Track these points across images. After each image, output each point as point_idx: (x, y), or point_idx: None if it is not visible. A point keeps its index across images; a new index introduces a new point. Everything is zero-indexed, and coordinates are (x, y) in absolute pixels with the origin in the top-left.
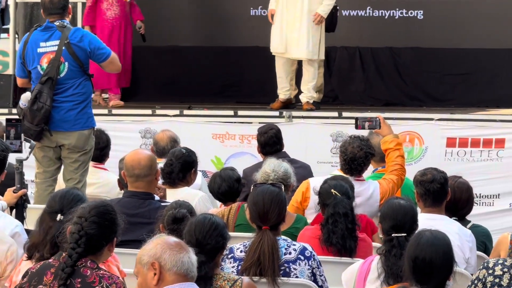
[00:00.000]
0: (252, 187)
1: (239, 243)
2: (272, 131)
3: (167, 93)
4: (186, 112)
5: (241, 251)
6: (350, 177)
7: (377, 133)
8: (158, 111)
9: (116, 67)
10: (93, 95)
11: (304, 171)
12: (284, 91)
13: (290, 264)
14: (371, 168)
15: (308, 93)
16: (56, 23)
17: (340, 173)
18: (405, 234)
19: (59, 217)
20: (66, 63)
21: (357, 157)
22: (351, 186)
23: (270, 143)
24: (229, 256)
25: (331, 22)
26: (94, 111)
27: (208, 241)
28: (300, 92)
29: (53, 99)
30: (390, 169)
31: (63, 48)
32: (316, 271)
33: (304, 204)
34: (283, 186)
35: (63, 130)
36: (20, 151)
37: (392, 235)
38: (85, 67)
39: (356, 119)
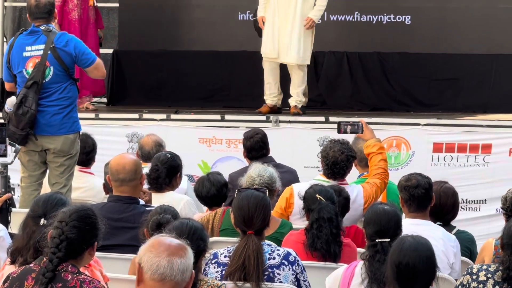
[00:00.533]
0: (236, 192)
1: (224, 248)
2: (258, 136)
3: (155, 97)
4: (173, 116)
5: (225, 256)
6: (333, 182)
7: (360, 137)
8: (145, 115)
9: (101, 73)
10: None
11: (290, 176)
12: (271, 97)
13: (274, 269)
14: (356, 173)
15: (297, 97)
16: (42, 27)
17: (323, 178)
18: (389, 240)
19: (42, 221)
20: (52, 68)
21: (339, 161)
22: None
23: (256, 147)
24: (213, 261)
25: None
26: (81, 115)
27: (190, 246)
28: (287, 96)
29: (39, 103)
30: (373, 173)
31: (49, 52)
32: (300, 276)
33: (288, 210)
34: (267, 190)
35: (48, 134)
36: (5, 155)
37: (376, 240)
38: (71, 72)
39: (339, 123)
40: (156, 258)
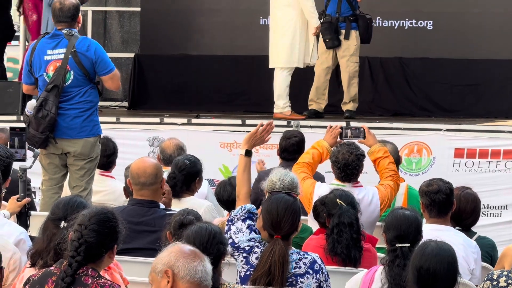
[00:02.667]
0: (267, 195)
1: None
2: (294, 139)
3: (176, 101)
4: (194, 120)
5: (256, 258)
6: (348, 184)
7: (363, 143)
8: (166, 120)
9: (115, 84)
10: None
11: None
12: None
13: (298, 277)
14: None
15: (277, 102)
16: (64, 31)
17: (338, 182)
18: (408, 245)
19: (62, 224)
20: (72, 72)
21: (350, 161)
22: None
23: (290, 150)
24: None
25: (366, 33)
26: (102, 119)
27: (210, 250)
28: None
29: (59, 106)
30: (385, 175)
31: (70, 56)
32: (324, 284)
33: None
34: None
35: (68, 137)
36: (24, 160)
37: (396, 245)
38: (91, 76)
39: (341, 128)
40: (193, 263)
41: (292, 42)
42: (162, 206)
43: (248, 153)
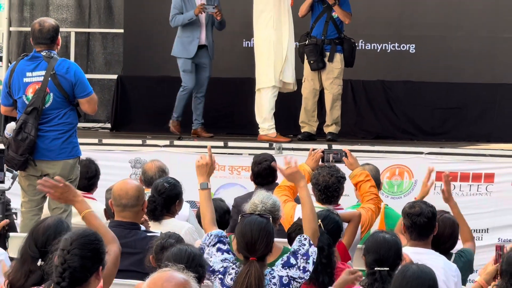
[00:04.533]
0: (240, 217)
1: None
2: (266, 163)
3: (158, 123)
4: (176, 142)
5: (231, 279)
6: (328, 207)
7: (347, 166)
8: (149, 141)
9: (92, 108)
10: None
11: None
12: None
13: None
14: (354, 199)
15: (262, 124)
16: (43, 53)
17: (318, 204)
18: (387, 269)
19: (40, 262)
20: (52, 94)
21: (331, 184)
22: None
23: (263, 174)
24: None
25: (350, 56)
26: (85, 140)
27: (189, 273)
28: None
29: (38, 128)
30: (366, 199)
31: (49, 79)
32: None
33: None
34: (271, 217)
35: (48, 159)
36: (2, 181)
37: (375, 268)
38: (71, 98)
39: (323, 152)
40: None
41: (267, 62)
42: (143, 228)
43: (206, 186)
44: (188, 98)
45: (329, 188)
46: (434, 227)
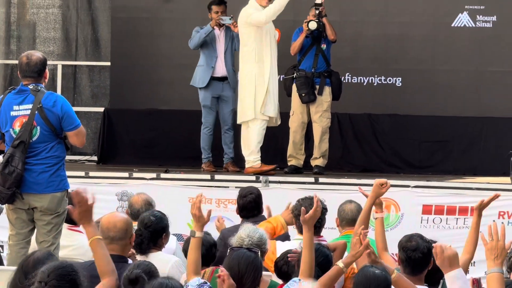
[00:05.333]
0: (228, 251)
1: None
2: (251, 196)
3: (145, 156)
4: (163, 175)
5: None
6: None
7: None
8: (135, 174)
9: (80, 141)
10: None
11: (281, 236)
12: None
13: None
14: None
15: (247, 157)
16: (30, 87)
17: (301, 236)
18: None
19: None
20: (39, 127)
21: None
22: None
23: (248, 207)
24: None
25: (338, 89)
26: (71, 173)
27: None
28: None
29: (26, 162)
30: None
31: (36, 112)
32: None
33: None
34: (259, 251)
35: (35, 192)
36: None
37: None
38: (58, 131)
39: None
40: None
41: (250, 95)
42: (130, 261)
43: (193, 234)
44: (211, 135)
45: None
46: (429, 262)
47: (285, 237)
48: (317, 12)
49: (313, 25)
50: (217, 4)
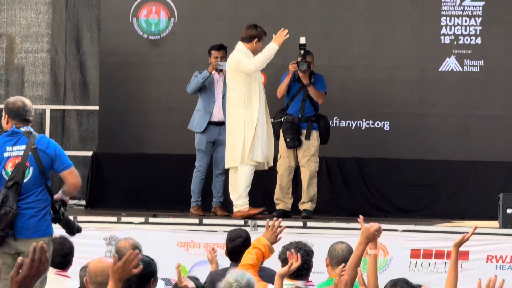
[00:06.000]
0: None
1: None
2: (240, 239)
3: (133, 200)
4: (151, 219)
5: None
6: (300, 282)
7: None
8: (124, 219)
9: (75, 180)
10: None
11: (271, 280)
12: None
13: None
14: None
15: (236, 201)
16: (23, 129)
17: (289, 281)
18: None
19: None
20: (31, 168)
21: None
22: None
23: (237, 251)
24: None
25: (326, 133)
26: None
27: None
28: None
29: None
30: None
31: (30, 153)
32: None
33: None
34: None
35: (24, 237)
36: None
37: None
38: (46, 175)
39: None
40: None
41: (238, 140)
42: None
43: None
44: (202, 179)
45: None
46: None
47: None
48: (302, 52)
49: (303, 67)
50: (217, 49)
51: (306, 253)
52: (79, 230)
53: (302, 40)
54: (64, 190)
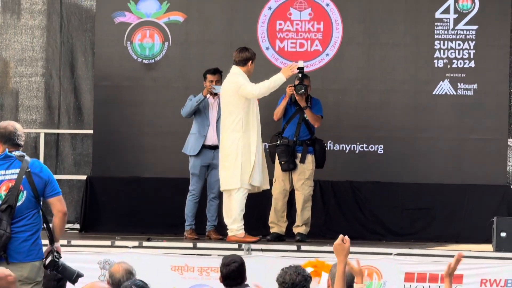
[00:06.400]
0: None
1: None
2: (234, 265)
3: (127, 224)
4: (145, 243)
5: None
6: None
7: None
8: (118, 242)
9: (63, 207)
10: None
11: None
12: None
13: None
14: None
15: (231, 225)
16: (15, 153)
17: None
18: None
19: None
20: (25, 192)
21: (298, 282)
22: None
23: (232, 276)
24: None
25: (322, 157)
26: None
27: None
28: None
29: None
30: None
31: (23, 176)
32: None
33: None
34: None
35: (16, 261)
36: None
37: None
38: (39, 199)
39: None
40: None
41: (235, 164)
42: None
43: None
44: (196, 203)
45: (296, 286)
46: None
47: None
48: (300, 75)
49: (301, 90)
50: (212, 73)
51: (304, 278)
52: (79, 275)
53: (300, 64)
54: (56, 235)
